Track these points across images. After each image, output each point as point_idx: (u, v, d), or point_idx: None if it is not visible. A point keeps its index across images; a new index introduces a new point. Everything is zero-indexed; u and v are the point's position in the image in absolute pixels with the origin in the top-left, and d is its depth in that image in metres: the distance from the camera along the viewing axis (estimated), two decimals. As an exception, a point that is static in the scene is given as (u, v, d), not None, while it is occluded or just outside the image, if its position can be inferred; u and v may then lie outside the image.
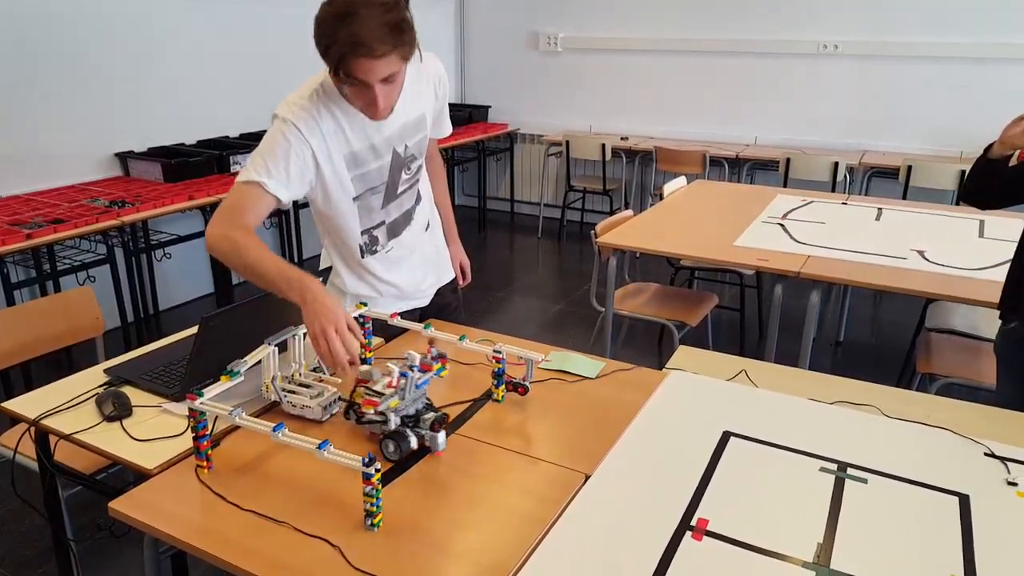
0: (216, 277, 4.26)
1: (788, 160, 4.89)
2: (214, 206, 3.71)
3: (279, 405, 1.52)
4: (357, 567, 1.08)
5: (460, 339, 1.63)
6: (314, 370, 1.63)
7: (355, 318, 1.68)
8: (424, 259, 1.96)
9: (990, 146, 1.99)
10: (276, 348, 1.48)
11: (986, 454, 1.40)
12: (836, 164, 4.77)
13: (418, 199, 1.89)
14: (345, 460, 1.17)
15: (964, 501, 1.26)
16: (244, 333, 1.50)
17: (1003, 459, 1.38)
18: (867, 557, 1.12)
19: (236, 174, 3.67)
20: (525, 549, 1.12)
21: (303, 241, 4.79)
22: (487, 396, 1.59)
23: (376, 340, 1.83)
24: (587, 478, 1.31)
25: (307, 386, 1.55)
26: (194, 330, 1.60)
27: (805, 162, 4.86)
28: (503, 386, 1.57)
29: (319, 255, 1.96)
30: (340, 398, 1.52)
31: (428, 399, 1.45)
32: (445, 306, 2.07)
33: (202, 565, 1.21)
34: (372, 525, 1.17)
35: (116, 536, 2.38)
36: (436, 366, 1.45)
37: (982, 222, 3.17)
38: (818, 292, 2.68)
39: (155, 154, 4.09)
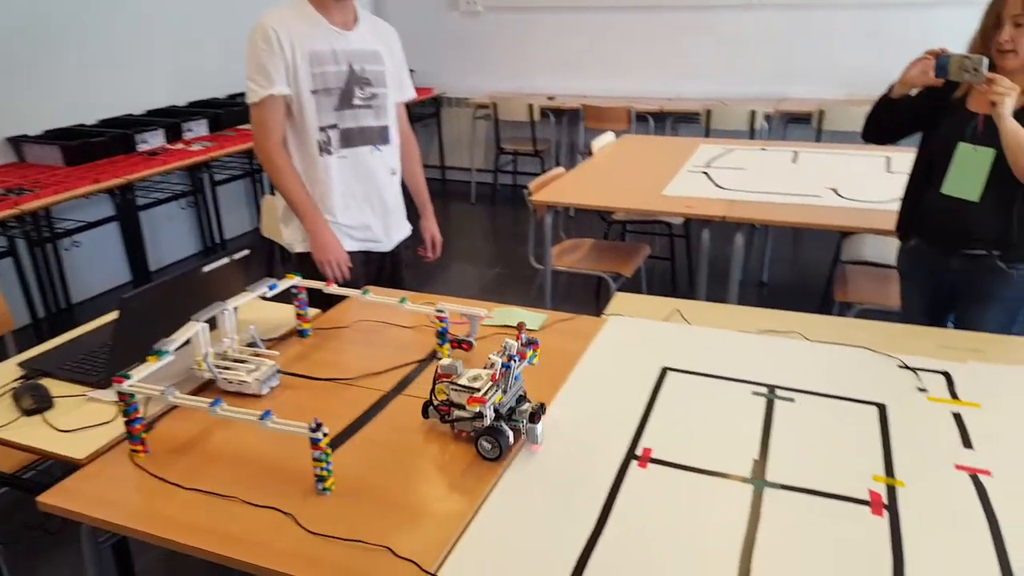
0: (133, 264, 4.08)
1: (709, 112, 5.00)
2: (124, 189, 3.57)
3: (214, 383, 1.49)
4: (312, 531, 1.09)
5: (401, 302, 1.63)
6: (249, 344, 1.61)
7: (288, 289, 1.67)
8: (383, 201, 2.19)
9: (891, 87, 2.11)
10: (206, 325, 1.46)
11: (899, 366, 1.50)
12: (754, 113, 4.90)
13: (384, 137, 2.16)
14: (290, 428, 1.17)
15: (882, 410, 1.35)
16: (169, 312, 1.46)
17: (914, 369, 1.49)
18: (799, 467, 1.20)
19: (144, 153, 3.52)
20: (482, 493, 1.15)
21: (223, 222, 4.66)
22: (432, 355, 1.60)
23: (312, 311, 1.81)
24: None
25: (243, 361, 1.53)
26: (114, 316, 1.55)
27: (725, 113, 4.98)
28: (447, 344, 1.58)
29: (241, 234, 1.98)
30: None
31: (523, 389, 1.35)
32: (399, 261, 2.34)
33: (148, 553, 1.19)
34: (324, 489, 1.17)
35: (51, 533, 2.31)
36: (529, 353, 1.33)
37: (888, 158, 3.33)
38: (742, 234, 2.77)
39: (53, 137, 3.82)
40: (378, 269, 2.29)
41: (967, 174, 1.95)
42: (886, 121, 2.17)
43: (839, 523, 1.07)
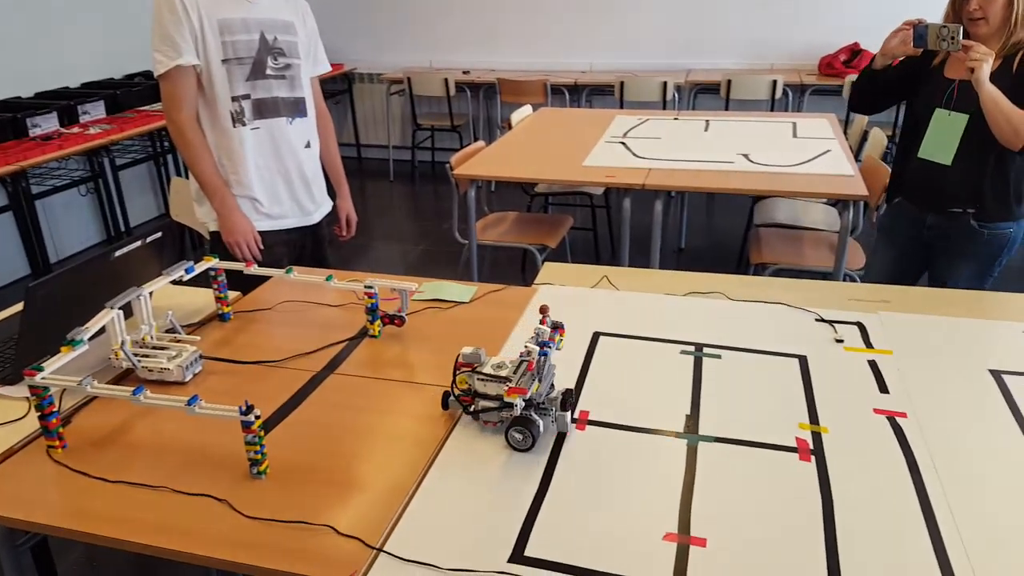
0: (31, 256, 3.82)
1: (622, 83, 5.07)
2: (17, 176, 3.33)
3: (133, 373, 1.42)
4: (249, 515, 1.05)
5: (327, 279, 1.59)
6: (168, 331, 1.54)
7: (207, 271, 1.60)
8: (302, 174, 2.15)
9: (873, 59, 2.23)
10: (120, 312, 1.38)
11: (816, 319, 1.57)
12: (665, 84, 5.00)
13: (299, 109, 2.12)
14: (220, 412, 1.12)
15: (803, 361, 1.42)
16: (80, 301, 1.38)
17: (830, 322, 1.56)
18: (728, 420, 1.24)
19: (37, 137, 3.30)
20: (424, 465, 1.15)
21: (127, 210, 4.43)
22: (363, 333, 1.57)
23: (232, 294, 1.75)
24: (471, 394, 1.34)
25: (162, 348, 1.46)
26: (18, 308, 1.45)
27: (637, 84, 5.06)
28: (378, 321, 1.55)
29: (148, 220, 1.89)
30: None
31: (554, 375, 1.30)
32: (320, 238, 2.31)
33: (71, 553, 1.13)
34: (259, 473, 1.14)
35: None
36: (557, 337, 1.26)
37: (795, 124, 3.46)
38: (661, 202, 2.83)
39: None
40: (300, 247, 2.23)
41: (942, 138, 2.08)
42: (870, 92, 2.29)
43: (770, 470, 1.12)
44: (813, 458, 1.14)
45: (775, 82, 4.84)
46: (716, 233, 4.64)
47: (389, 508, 1.06)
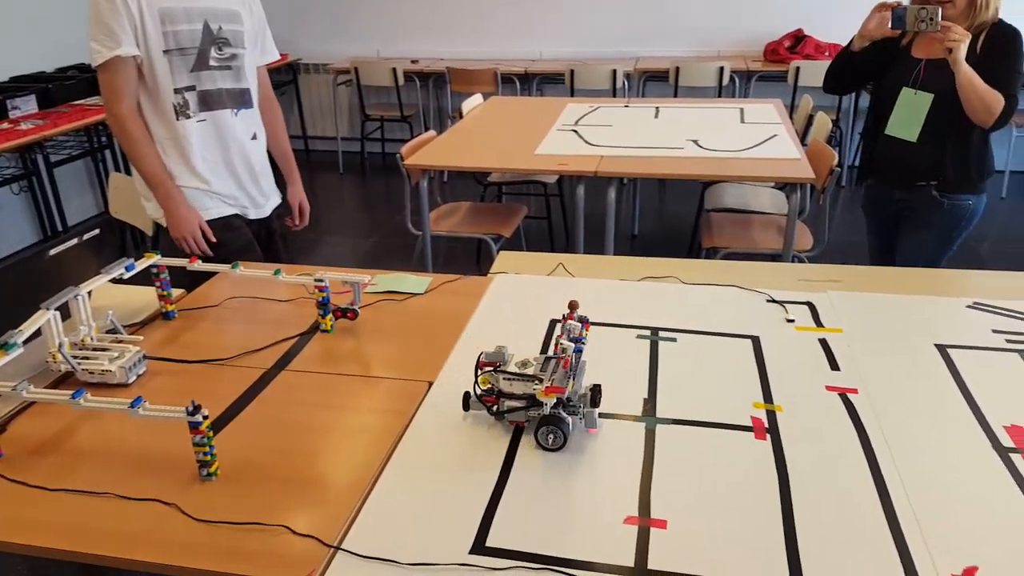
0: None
1: (572, 71, 5.07)
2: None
3: (73, 376, 1.36)
4: (198, 518, 1.02)
5: (275, 273, 1.55)
6: (110, 331, 1.48)
7: (149, 268, 1.54)
8: (249, 166, 2.10)
9: (851, 42, 2.29)
10: (57, 313, 1.32)
11: (768, 300, 1.59)
12: (614, 71, 5.02)
13: (244, 100, 2.06)
14: (166, 414, 1.08)
15: (756, 341, 1.43)
16: (13, 302, 1.32)
17: (781, 302, 1.58)
18: (685, 402, 1.25)
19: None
20: (381, 460, 1.12)
21: (64, 208, 4.26)
22: (315, 328, 1.54)
23: (176, 292, 1.69)
24: (430, 385, 1.32)
25: (104, 349, 1.40)
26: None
27: (587, 72, 5.07)
28: (330, 315, 1.52)
29: (86, 219, 1.82)
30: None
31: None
32: (272, 231, 2.25)
33: (15, 569, 1.08)
34: (209, 475, 1.10)
35: None
36: (584, 332, 1.23)
37: (742, 110, 3.51)
38: (614, 188, 2.84)
39: None
40: (254, 237, 2.17)
41: (908, 116, 2.16)
42: (846, 73, 2.36)
43: (727, 450, 1.13)
44: (768, 436, 1.16)
45: (722, 69, 4.91)
46: (669, 219, 4.69)
47: (346, 505, 1.03)
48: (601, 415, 1.22)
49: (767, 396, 1.26)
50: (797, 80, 4.81)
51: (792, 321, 1.51)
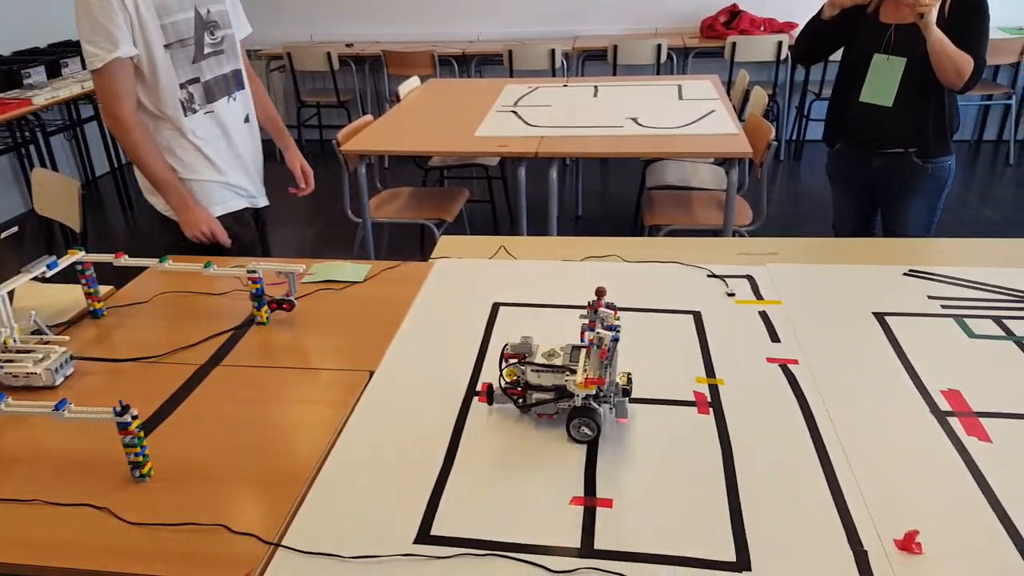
0: None
1: (511, 52, 5.03)
2: None
3: (-4, 380, 1.29)
4: (132, 522, 0.98)
5: (206, 266, 1.49)
6: (35, 332, 1.41)
7: (74, 265, 1.47)
8: (253, 153, 2.09)
9: (821, 10, 2.30)
10: (-25, 315, 1.25)
11: (708, 275, 1.61)
12: (553, 51, 5.00)
13: (238, 81, 2.02)
14: (92, 415, 1.04)
15: (697, 316, 1.45)
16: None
17: (721, 276, 1.60)
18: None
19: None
20: (320, 455, 1.09)
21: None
22: (250, 321, 1.49)
23: (104, 289, 1.62)
24: (372, 374, 1.29)
25: (28, 351, 1.33)
26: None
27: (525, 52, 5.04)
28: (265, 307, 1.47)
29: (9, 218, 1.73)
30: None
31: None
32: (265, 222, 2.23)
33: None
34: (142, 476, 1.06)
35: None
36: (615, 319, 1.17)
37: (680, 87, 3.54)
38: (555, 169, 2.84)
39: None
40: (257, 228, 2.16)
41: (882, 82, 2.18)
42: (816, 42, 2.37)
43: (671, 426, 1.14)
44: (711, 410, 1.17)
45: (659, 46, 4.94)
46: (612, 198, 4.72)
47: (286, 501, 1.00)
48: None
49: (709, 370, 1.27)
50: (734, 56, 4.88)
51: (732, 295, 1.53)
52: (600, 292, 1.18)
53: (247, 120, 2.07)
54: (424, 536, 0.93)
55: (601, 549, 0.91)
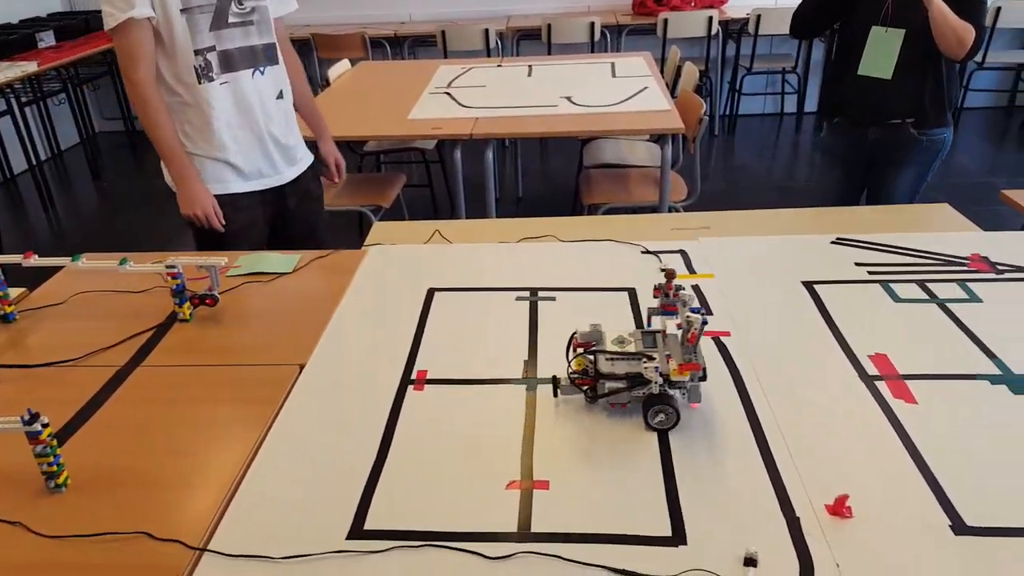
0: None
1: (444, 33, 4.95)
2: None
3: None
4: (48, 535, 0.93)
5: (121, 263, 1.42)
6: (-65, 341, 1.32)
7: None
8: (270, 130, 1.97)
9: None
10: None
11: (642, 252, 1.61)
12: (487, 31, 4.94)
13: (269, 56, 1.95)
14: None
15: (632, 293, 1.45)
16: None
17: (655, 252, 1.61)
18: (565, 360, 1.24)
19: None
20: (247, 454, 1.05)
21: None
22: (172, 318, 1.43)
23: (16, 291, 1.53)
24: (302, 368, 1.25)
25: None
26: None
27: (459, 33, 4.97)
28: (187, 303, 1.41)
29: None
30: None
31: None
32: (307, 192, 2.13)
33: None
34: (57, 487, 1.00)
35: None
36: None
37: (613, 64, 3.54)
38: (491, 151, 2.81)
39: None
40: (278, 208, 2.07)
41: (880, 54, 2.19)
42: (814, 16, 2.37)
43: (606, 404, 1.13)
44: (647, 386, 1.17)
45: (593, 24, 4.93)
46: (552, 178, 4.71)
47: (212, 503, 0.97)
48: (482, 382, 1.20)
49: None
50: (666, 32, 4.90)
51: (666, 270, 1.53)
52: (670, 275, 1.14)
53: (280, 96, 2.00)
54: (357, 531, 0.91)
55: (538, 532, 0.90)
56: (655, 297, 1.16)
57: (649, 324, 1.18)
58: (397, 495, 0.97)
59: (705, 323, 1.05)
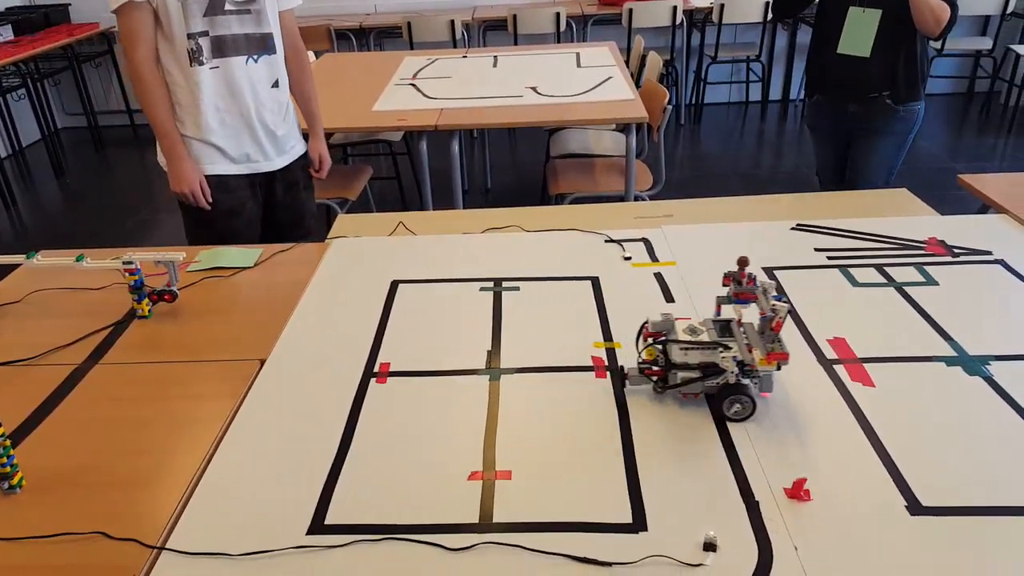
0: None
1: (409, 24, 4.91)
2: None
3: None
4: (3, 537, 0.91)
5: (78, 260, 1.39)
6: None
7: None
8: (262, 117, 1.98)
9: None
10: None
11: (606, 241, 1.62)
12: (453, 22, 4.91)
13: (267, 45, 1.96)
14: (-52, 429, 0.95)
15: (595, 281, 1.45)
16: None
17: (618, 241, 1.61)
18: (528, 348, 1.25)
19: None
20: (207, 451, 1.04)
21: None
22: (131, 315, 1.40)
23: (-33, 290, 1.49)
24: (263, 363, 1.24)
25: None
26: None
27: (425, 24, 4.94)
28: (146, 299, 1.39)
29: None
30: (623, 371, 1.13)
31: None
32: (294, 183, 2.15)
33: None
34: (11, 488, 0.99)
35: None
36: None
37: (578, 54, 3.54)
38: (456, 142, 2.79)
39: None
40: (267, 193, 2.10)
41: (858, 33, 2.28)
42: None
43: (569, 392, 1.14)
44: (608, 374, 1.18)
45: (558, 14, 4.92)
46: (520, 169, 4.71)
47: (170, 501, 0.95)
48: (445, 374, 1.19)
49: (607, 334, 1.28)
50: (631, 22, 4.91)
51: (629, 258, 1.54)
52: (743, 262, 1.12)
53: (276, 86, 2.02)
54: (318, 526, 0.90)
55: (500, 522, 0.90)
56: (724, 285, 1.14)
57: (718, 313, 1.18)
58: (359, 489, 0.96)
59: (790, 311, 1.01)
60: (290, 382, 1.19)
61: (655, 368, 1.09)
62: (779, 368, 1.06)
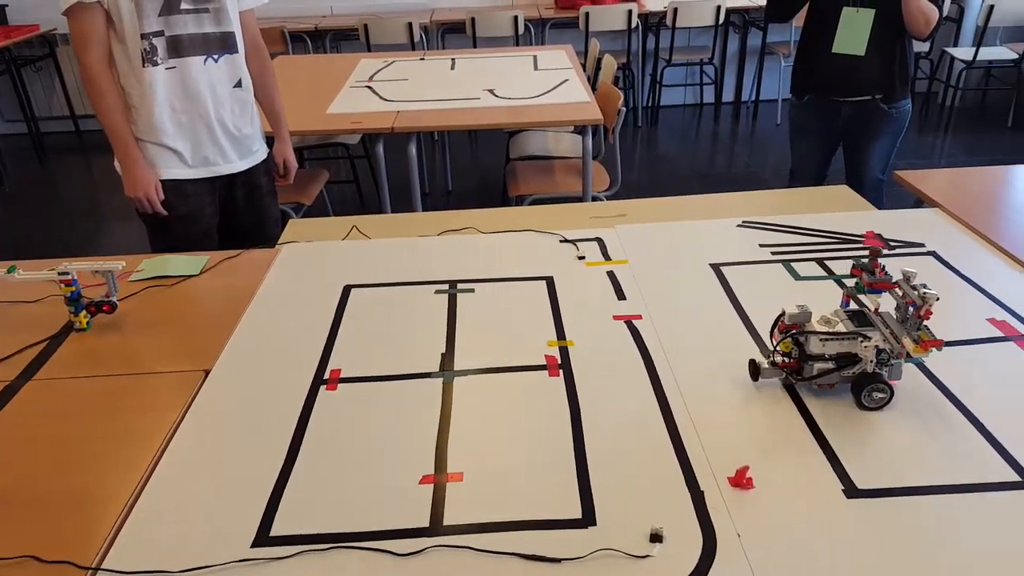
0: None
1: (366, 26, 4.87)
2: None
3: None
4: (-72, 564, 0.87)
5: (10, 271, 1.34)
6: None
7: None
8: (220, 118, 1.94)
9: None
10: None
11: (561, 241, 1.62)
12: (410, 24, 4.88)
13: (227, 45, 1.92)
14: None
15: (550, 281, 1.45)
16: None
17: (572, 241, 1.61)
18: (483, 351, 1.23)
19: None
20: (147, 466, 1.01)
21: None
22: (68, 328, 1.35)
23: None
24: (207, 374, 1.21)
25: None
26: None
27: (382, 26, 4.90)
28: (84, 311, 1.34)
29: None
30: (773, 363, 1.12)
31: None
32: (256, 186, 2.10)
33: None
34: (-62, 511, 0.94)
35: None
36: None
37: (535, 57, 3.54)
38: (413, 144, 2.77)
39: None
40: (228, 197, 2.05)
41: (853, 33, 2.29)
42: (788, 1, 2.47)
43: (522, 392, 1.13)
44: (561, 372, 1.17)
45: (516, 17, 4.93)
46: (481, 171, 4.70)
47: (106, 520, 0.92)
48: (397, 378, 1.18)
49: (560, 333, 1.28)
50: (588, 25, 4.94)
51: (583, 258, 1.54)
52: (875, 252, 1.12)
53: (239, 86, 1.97)
54: (263, 538, 0.88)
55: (450, 525, 0.89)
56: (852, 276, 1.15)
57: (846, 304, 1.17)
58: (306, 498, 0.94)
59: (937, 298, 1.03)
60: (236, 392, 1.16)
61: (790, 360, 1.10)
62: (909, 357, 1.07)
